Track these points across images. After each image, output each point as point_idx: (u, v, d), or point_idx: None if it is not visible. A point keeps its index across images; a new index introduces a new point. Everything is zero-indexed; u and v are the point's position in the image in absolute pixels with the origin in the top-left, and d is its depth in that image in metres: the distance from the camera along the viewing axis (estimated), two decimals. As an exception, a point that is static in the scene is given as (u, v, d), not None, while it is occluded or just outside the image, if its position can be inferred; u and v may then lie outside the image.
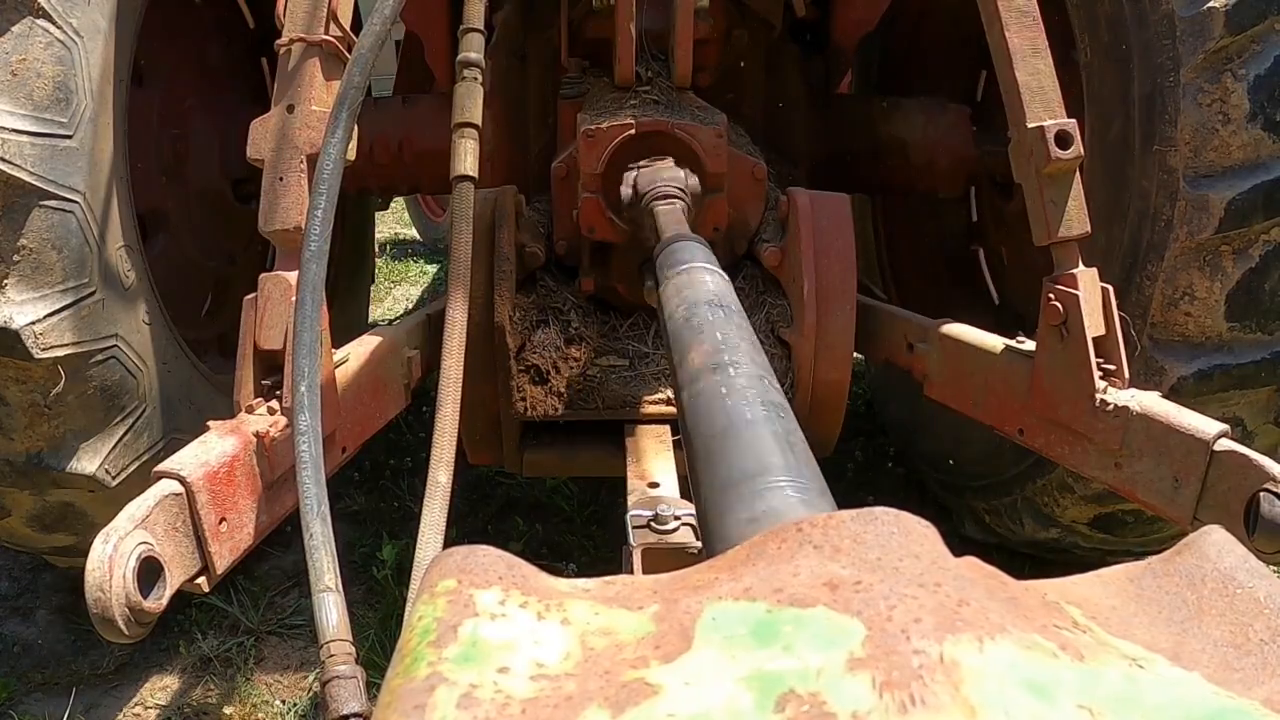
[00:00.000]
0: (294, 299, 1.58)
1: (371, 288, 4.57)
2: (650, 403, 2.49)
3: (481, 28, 1.90)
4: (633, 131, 2.37)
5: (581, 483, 3.79)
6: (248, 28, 3.55)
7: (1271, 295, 2.30)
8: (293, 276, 1.67)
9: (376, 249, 5.75)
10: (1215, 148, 2.22)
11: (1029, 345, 2.24)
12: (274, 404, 1.66)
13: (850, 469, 4.01)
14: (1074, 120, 2.00)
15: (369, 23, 1.68)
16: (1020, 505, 3.01)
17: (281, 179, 1.76)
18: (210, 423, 1.57)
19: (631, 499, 2.12)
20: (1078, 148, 2.00)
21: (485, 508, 3.75)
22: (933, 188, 3.47)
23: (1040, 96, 2.04)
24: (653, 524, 1.90)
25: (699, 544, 1.84)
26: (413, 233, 7.99)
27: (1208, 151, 2.23)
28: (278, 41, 1.79)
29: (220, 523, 1.46)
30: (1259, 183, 2.20)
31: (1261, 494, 1.72)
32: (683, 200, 2.08)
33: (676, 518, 1.90)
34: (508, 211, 2.43)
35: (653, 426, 2.48)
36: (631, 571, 1.70)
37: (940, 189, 3.47)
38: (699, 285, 1.32)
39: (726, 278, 1.45)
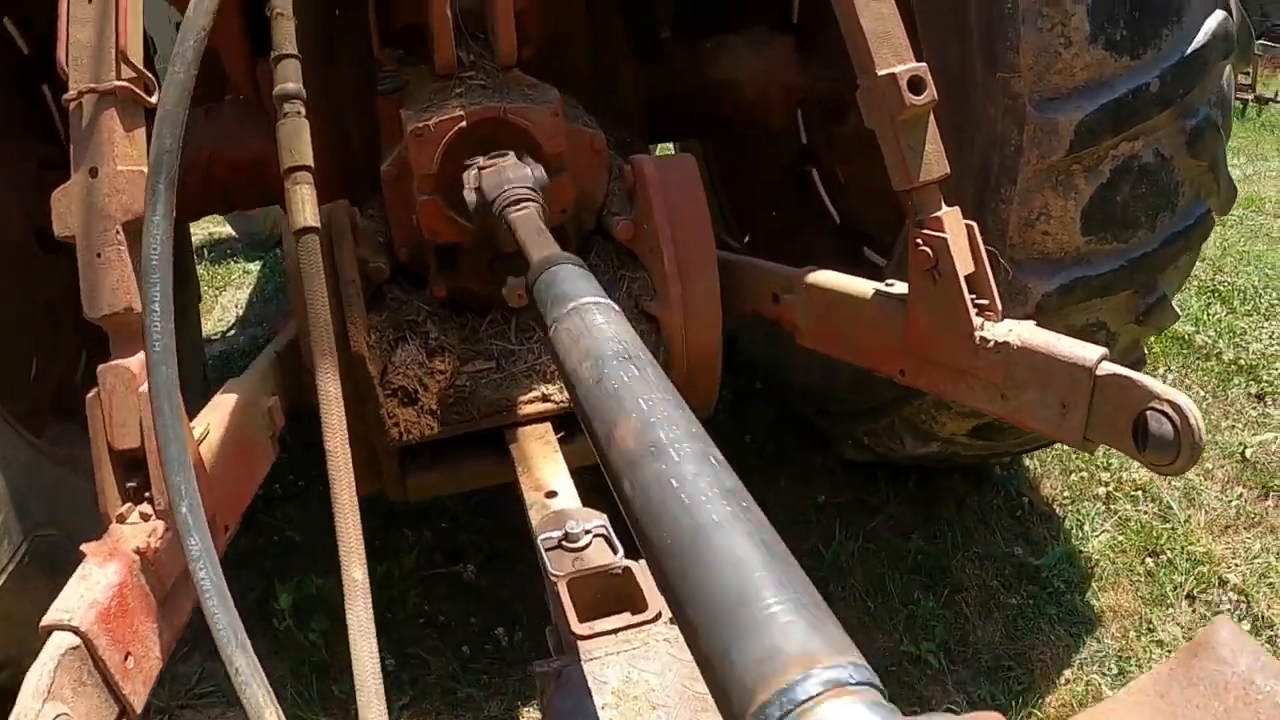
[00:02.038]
0: (144, 389, 1.44)
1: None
2: (526, 403, 2.38)
3: (296, 52, 1.71)
4: (464, 124, 2.22)
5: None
6: (21, 54, 3.15)
7: (1124, 207, 2.36)
8: (135, 363, 1.51)
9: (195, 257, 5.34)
10: (1059, 70, 2.24)
11: (898, 288, 2.22)
12: (144, 507, 1.50)
13: (720, 408, 4.00)
14: (924, 64, 1.97)
15: (170, 71, 1.49)
16: (899, 425, 3.05)
17: (99, 255, 1.55)
18: (84, 547, 1.40)
19: (533, 515, 2.03)
20: (931, 92, 1.97)
21: (368, 524, 3.55)
22: (767, 121, 3.43)
23: (887, 42, 1.99)
24: (564, 544, 1.82)
25: (618, 559, 1.76)
26: (228, 230, 7.49)
27: (1051, 75, 2.25)
28: (65, 95, 1.58)
29: (125, 659, 1.33)
30: (1106, 101, 2.22)
31: (1148, 413, 1.74)
32: (535, 201, 1.94)
33: (586, 531, 1.82)
34: (344, 227, 2.24)
35: (533, 427, 2.37)
36: (562, 609, 1.60)
37: (773, 122, 3.44)
38: (596, 332, 1.21)
39: (618, 310, 1.34)
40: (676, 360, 2.44)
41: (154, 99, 1.60)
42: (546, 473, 2.17)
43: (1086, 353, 1.84)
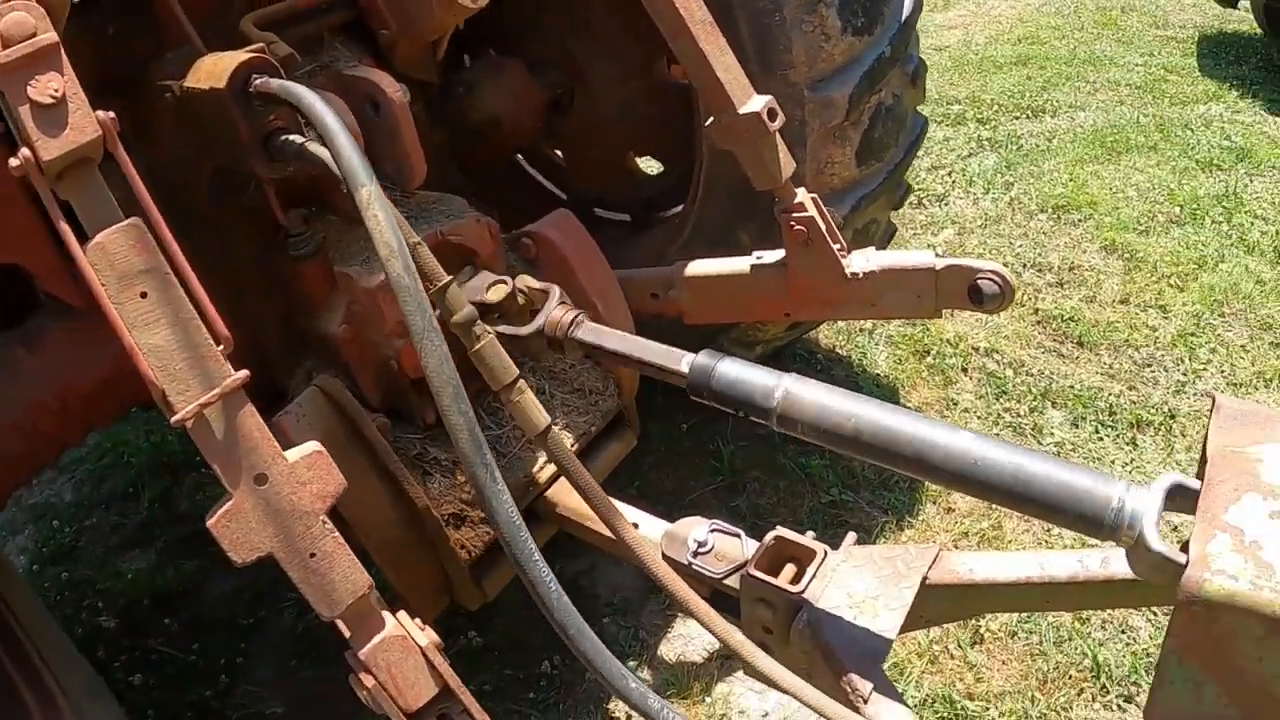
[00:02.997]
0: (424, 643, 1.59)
1: None
2: (539, 471, 2.62)
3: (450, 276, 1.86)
4: None
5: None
6: None
7: (880, 139, 3.12)
8: (394, 630, 1.59)
9: None
10: (824, 59, 2.89)
11: (769, 257, 2.81)
12: None
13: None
14: (772, 97, 2.51)
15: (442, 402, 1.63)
16: (728, 345, 3.67)
17: (313, 555, 1.50)
18: None
19: (638, 549, 2.37)
20: (782, 116, 2.54)
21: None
22: (526, 141, 3.76)
23: (738, 85, 2.51)
24: (700, 552, 2.15)
25: (747, 538, 2.20)
26: None
27: (819, 64, 2.89)
28: (177, 417, 1.44)
29: None
30: (861, 74, 2.92)
31: (980, 280, 2.54)
32: (579, 310, 2.24)
33: (710, 533, 2.18)
34: (354, 401, 2.33)
35: (555, 487, 2.62)
36: (772, 584, 1.93)
37: (530, 139, 3.76)
38: (819, 402, 1.73)
39: (795, 375, 1.81)
40: (626, 384, 2.86)
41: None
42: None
43: (924, 258, 2.59)
